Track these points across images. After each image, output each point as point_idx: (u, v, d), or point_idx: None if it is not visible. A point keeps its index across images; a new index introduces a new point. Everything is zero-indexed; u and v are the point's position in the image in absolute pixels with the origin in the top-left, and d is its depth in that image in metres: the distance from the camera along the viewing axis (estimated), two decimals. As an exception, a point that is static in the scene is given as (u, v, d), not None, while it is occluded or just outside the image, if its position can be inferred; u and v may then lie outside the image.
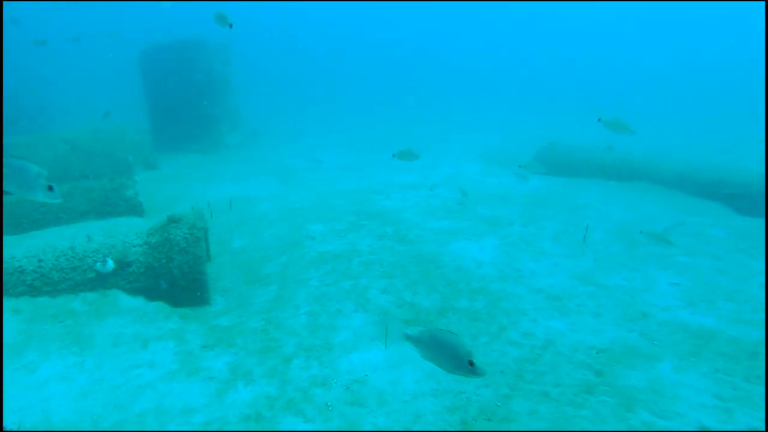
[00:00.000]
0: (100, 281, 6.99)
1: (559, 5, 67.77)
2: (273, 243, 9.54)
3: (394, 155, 9.84)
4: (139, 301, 6.90)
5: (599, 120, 8.25)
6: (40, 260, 7.05)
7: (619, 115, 8.49)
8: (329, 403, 4.76)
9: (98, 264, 6.95)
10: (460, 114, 36.62)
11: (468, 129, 29.53)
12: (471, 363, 3.44)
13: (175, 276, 7.01)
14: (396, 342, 3.93)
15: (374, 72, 63.61)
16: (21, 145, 12.08)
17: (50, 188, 3.74)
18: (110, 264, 6.97)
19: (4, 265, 6.99)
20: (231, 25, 6.82)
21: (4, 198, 9.50)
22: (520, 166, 12.46)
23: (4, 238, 8.19)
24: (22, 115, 22.43)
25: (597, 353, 5.61)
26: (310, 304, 6.88)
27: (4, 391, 5.09)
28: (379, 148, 22.85)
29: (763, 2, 49.88)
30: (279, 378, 5.20)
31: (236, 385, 5.10)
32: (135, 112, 22.86)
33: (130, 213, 10.13)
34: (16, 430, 3.75)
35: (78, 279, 6.96)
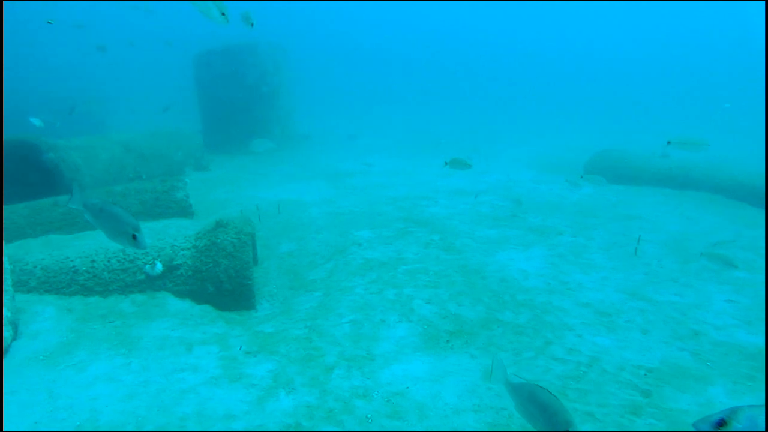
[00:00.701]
0: (149, 283, 7.12)
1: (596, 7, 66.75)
2: (320, 248, 9.58)
3: (446, 163, 9.79)
4: (185, 304, 7.00)
5: (669, 143, 7.99)
6: (92, 261, 7.23)
7: (684, 131, 8.24)
8: (369, 416, 4.73)
9: (147, 266, 7.09)
10: (510, 120, 36.31)
11: (518, 134, 29.25)
12: None
13: (221, 280, 7.09)
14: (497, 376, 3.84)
15: (427, 77, 63.59)
16: (79, 147, 12.43)
17: (134, 237, 3.93)
18: (159, 267, 7.10)
19: (60, 265, 7.20)
20: (252, 24, 6.83)
21: (62, 198, 9.78)
22: (582, 176, 12.12)
23: (60, 237, 8.44)
24: (78, 118, 23.20)
25: (645, 373, 5.45)
26: (354, 312, 6.86)
27: (54, 387, 5.21)
28: (431, 152, 22.84)
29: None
30: (320, 388, 5.19)
31: (277, 394, 5.12)
32: (188, 115, 23.39)
33: (181, 215, 10.32)
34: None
35: (128, 280, 7.11)
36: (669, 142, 8.02)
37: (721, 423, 2.67)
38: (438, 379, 5.30)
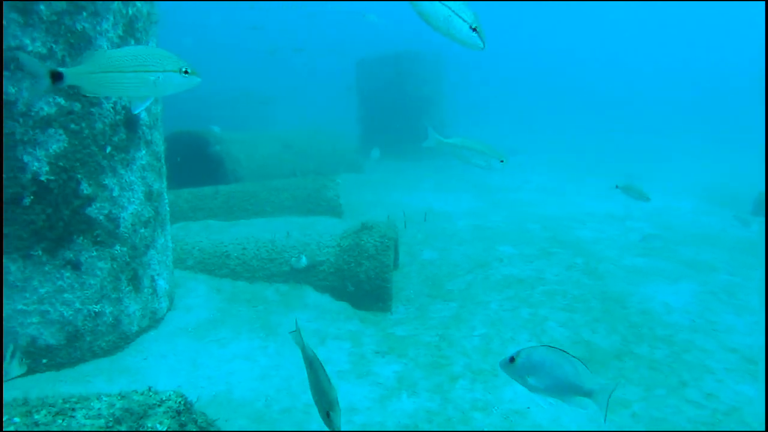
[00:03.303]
0: (293, 275, 7.52)
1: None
2: (461, 260, 9.62)
3: (617, 186, 9.41)
4: (324, 299, 7.32)
5: None
6: (243, 248, 7.75)
7: None
8: (485, 430, 4.74)
9: (293, 259, 7.49)
10: (684, 142, 34.28)
11: (689, 159, 27.59)
12: None
13: (361, 280, 7.35)
14: None
15: (600, 92, 61.32)
16: (241, 141, 13.34)
17: (328, 415, 3.32)
18: (304, 261, 7.48)
19: (214, 248, 7.79)
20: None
21: (222, 187, 10.56)
22: None
23: (217, 222, 9.11)
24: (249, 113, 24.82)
25: (794, 431, 5.02)
26: (486, 327, 6.85)
27: (198, 358, 5.66)
28: (592, 172, 22.12)
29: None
30: (442, 395, 5.26)
31: (400, 395, 5.24)
32: (347, 119, 24.34)
33: (330, 213, 10.76)
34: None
35: (274, 270, 7.55)
36: None
37: (512, 359, 3.33)
38: (560, 405, 5.18)
